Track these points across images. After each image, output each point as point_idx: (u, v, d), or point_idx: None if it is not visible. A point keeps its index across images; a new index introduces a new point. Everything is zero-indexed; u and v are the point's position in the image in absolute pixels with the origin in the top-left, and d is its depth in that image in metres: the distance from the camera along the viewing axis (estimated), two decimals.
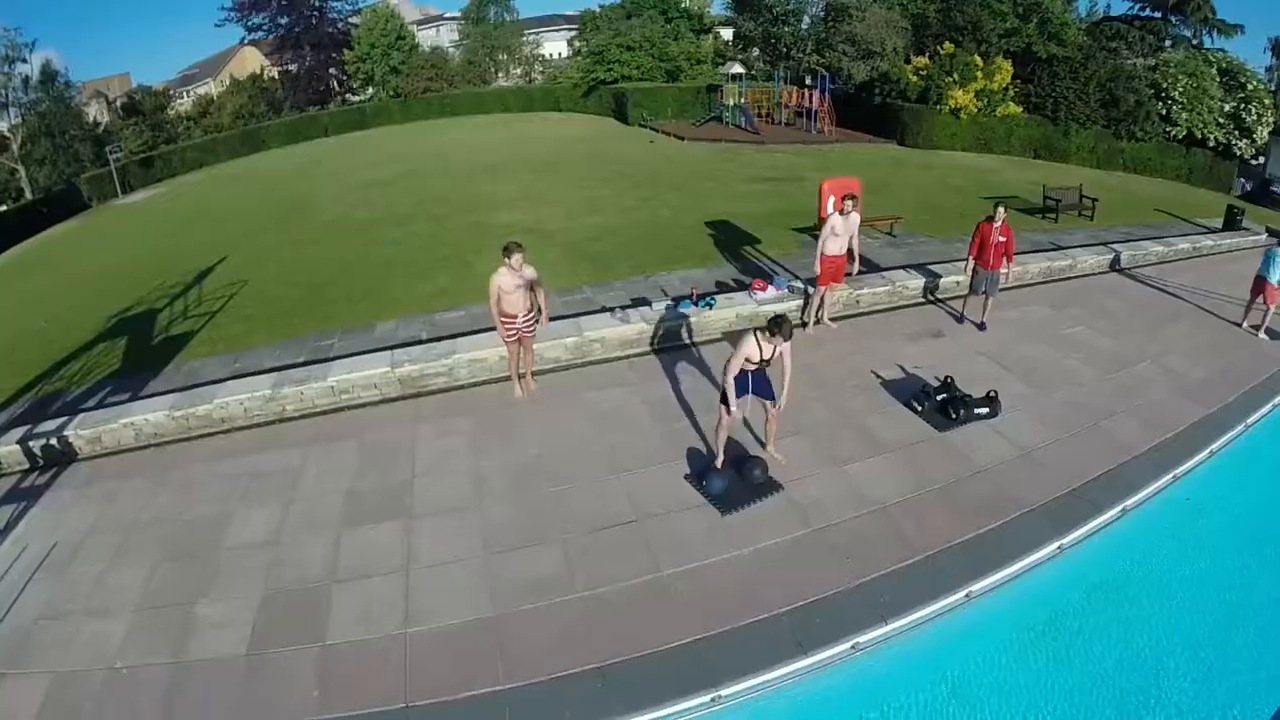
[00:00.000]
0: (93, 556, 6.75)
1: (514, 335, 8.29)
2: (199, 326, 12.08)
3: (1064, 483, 7.05)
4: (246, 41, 49.15)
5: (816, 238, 11.97)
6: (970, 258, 10.13)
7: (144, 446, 8.67)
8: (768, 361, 6.56)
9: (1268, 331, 10.63)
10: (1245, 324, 10.90)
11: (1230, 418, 8.47)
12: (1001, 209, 9.85)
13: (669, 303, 10.21)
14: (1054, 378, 9.16)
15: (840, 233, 9.57)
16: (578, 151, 26.75)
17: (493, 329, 8.64)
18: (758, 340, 6.42)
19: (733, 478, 6.72)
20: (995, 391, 8.04)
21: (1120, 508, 6.85)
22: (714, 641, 5.16)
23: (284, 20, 44.82)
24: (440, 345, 9.51)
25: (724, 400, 6.68)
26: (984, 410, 7.86)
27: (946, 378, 8.21)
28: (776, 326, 6.28)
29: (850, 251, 9.87)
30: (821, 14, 32.81)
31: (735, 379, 6.54)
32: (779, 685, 5.01)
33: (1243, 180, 26.25)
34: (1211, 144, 25.13)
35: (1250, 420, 8.52)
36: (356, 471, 7.56)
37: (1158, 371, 9.55)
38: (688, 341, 9.97)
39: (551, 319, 10.01)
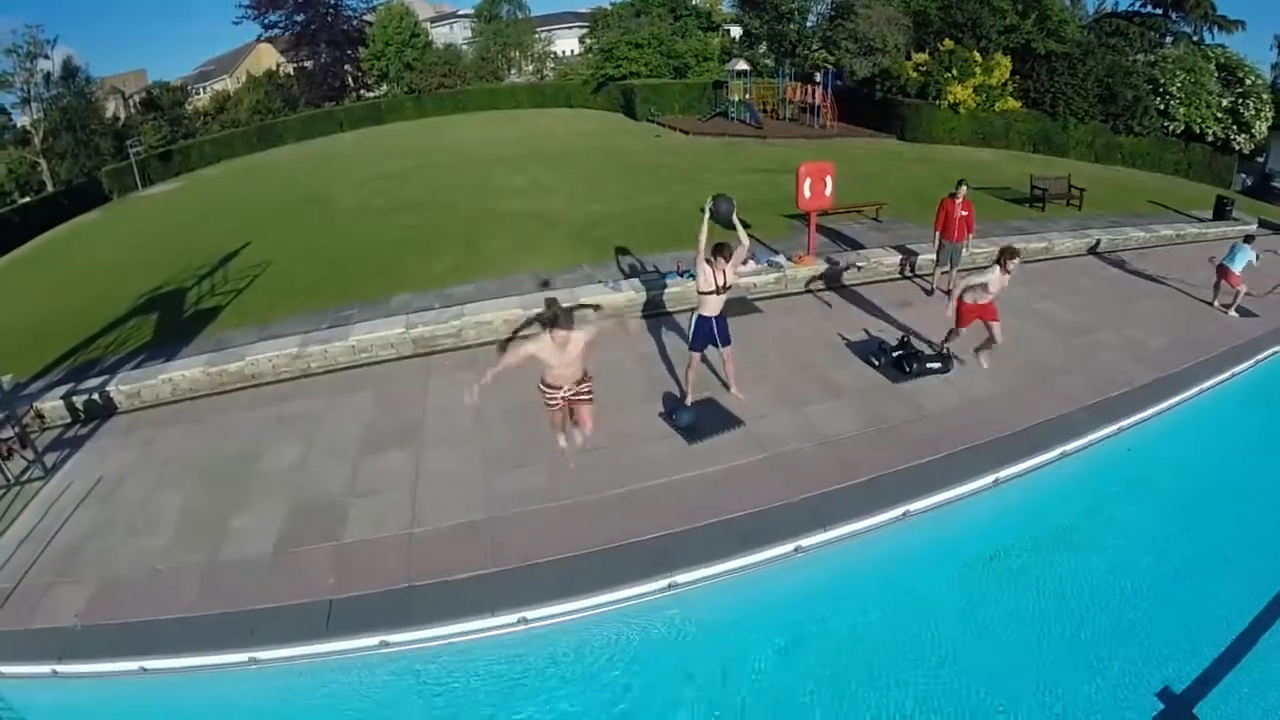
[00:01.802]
0: (134, 487, 7.77)
1: (557, 405, 6.80)
2: (226, 302, 13.10)
3: (1006, 426, 7.89)
4: (263, 38, 50.58)
5: (804, 221, 12.89)
6: (936, 232, 11.04)
7: (179, 400, 9.71)
8: (725, 287, 7.61)
9: (1238, 310, 11.34)
10: (1216, 303, 11.61)
11: (1184, 381, 9.12)
12: (964, 186, 10.75)
13: (656, 275, 11.17)
14: (1013, 342, 9.91)
15: (993, 290, 8.55)
16: (586, 145, 27.72)
17: (498, 298, 9.59)
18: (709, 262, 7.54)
19: (700, 414, 7.66)
20: (949, 348, 8.92)
21: (1059, 450, 7.63)
22: (672, 538, 6.13)
23: (300, 18, 46.20)
24: (450, 310, 10.57)
25: (695, 345, 7.73)
26: (936, 365, 8.75)
27: (904, 337, 9.10)
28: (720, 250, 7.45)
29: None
30: (829, 12, 33.69)
31: (700, 329, 7.66)
32: (728, 578, 5.94)
33: (1243, 175, 26.71)
34: (1210, 139, 25.70)
35: (1205, 385, 9.16)
36: (373, 414, 8.61)
37: (1118, 340, 10.30)
38: (671, 309, 10.93)
39: (551, 292, 11.04)
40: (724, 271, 7.48)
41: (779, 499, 6.56)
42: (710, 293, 7.58)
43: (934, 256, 11.64)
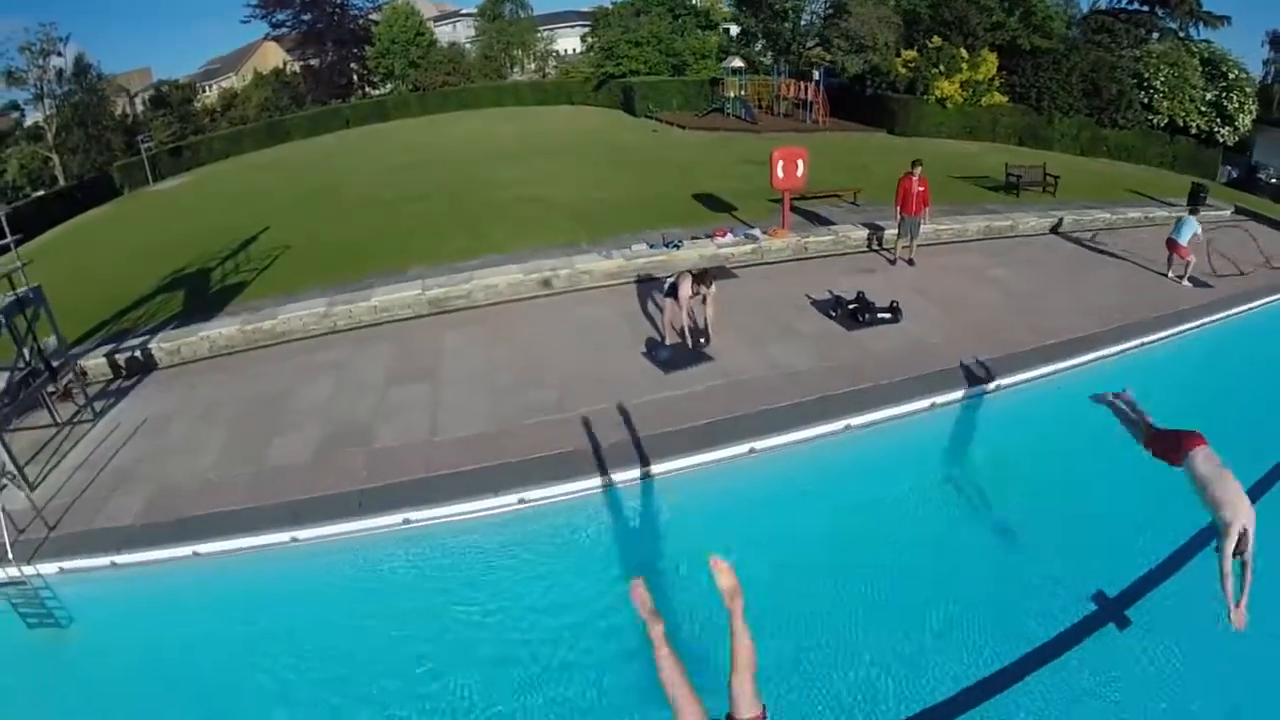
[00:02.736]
0: (180, 423, 9.09)
1: None
2: (251, 279, 14.49)
3: (946, 363, 9.28)
4: (270, 37, 52.35)
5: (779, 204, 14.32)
6: (897, 207, 12.48)
7: (216, 356, 11.11)
8: (701, 295, 9.14)
9: (1191, 279, 12.53)
10: (1170, 274, 12.80)
11: (1125, 334, 10.33)
12: (919, 166, 12.19)
13: (645, 245, 12.63)
14: (966, 302, 11.38)
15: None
16: (586, 140, 29.26)
17: (501, 261, 11.00)
18: (690, 282, 9.07)
19: (675, 352, 9.11)
20: (897, 301, 10.33)
21: (995, 384, 8.96)
22: (647, 439, 7.60)
23: (307, 17, 48.00)
24: (460, 275, 12.13)
25: (668, 293, 9.21)
26: (886, 315, 10.17)
27: (859, 293, 10.51)
28: (702, 276, 8.94)
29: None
30: (824, 11, 35.22)
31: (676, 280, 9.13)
32: (695, 470, 7.38)
33: (1229, 168, 27.88)
34: (1194, 132, 26.92)
35: (1147, 339, 10.35)
36: (395, 358, 10.11)
37: (1067, 302, 11.50)
38: (657, 275, 12.31)
39: (550, 262, 12.47)
40: (701, 292, 9.06)
41: (737, 411, 8.00)
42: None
43: (895, 230, 13.05)
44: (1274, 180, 25.19)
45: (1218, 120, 27.08)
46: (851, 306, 10.28)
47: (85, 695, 5.89)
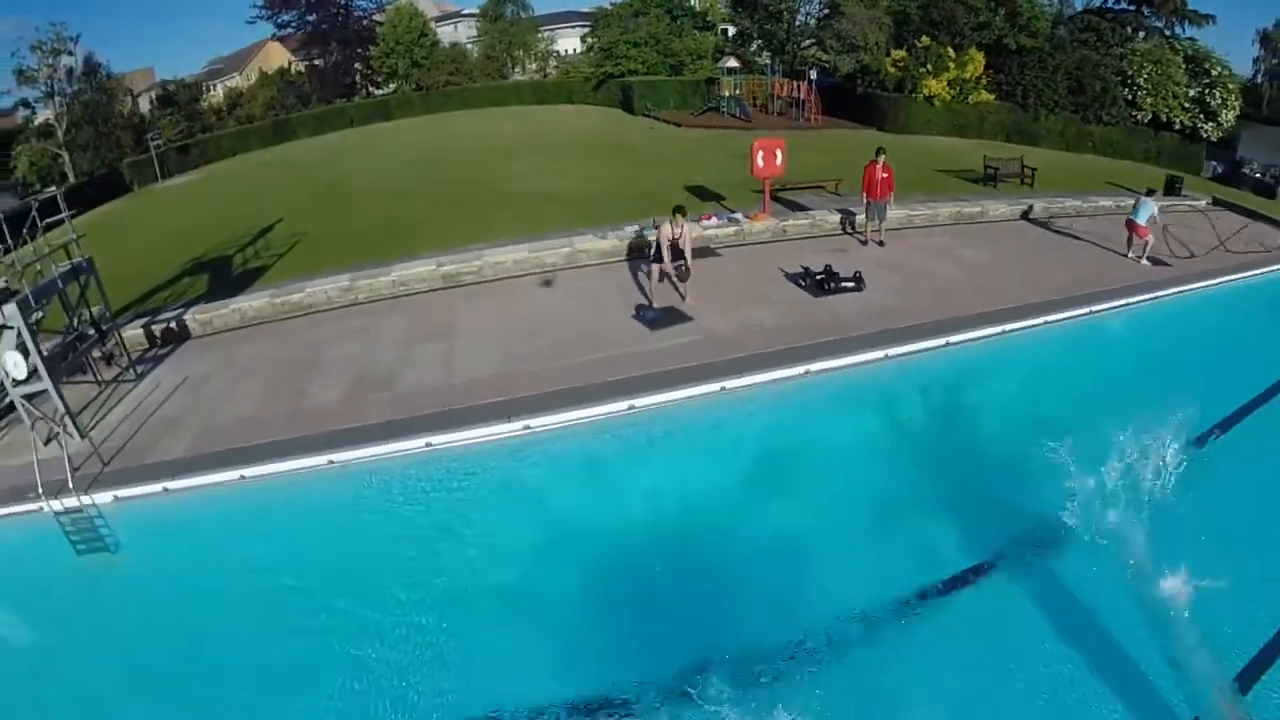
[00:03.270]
0: (220, 379, 10.47)
1: None
2: (271, 264, 15.87)
3: (900, 323, 10.77)
4: (275, 37, 54.09)
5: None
6: (864, 192, 13.94)
7: (247, 326, 12.54)
8: (679, 239, 10.68)
9: (1150, 259, 13.81)
10: (1130, 254, 14.11)
11: (1073, 303, 11.62)
12: (883, 154, 13.66)
13: (636, 228, 14.14)
14: (927, 275, 12.83)
15: None
16: (586, 138, 30.83)
17: (507, 243, 12.45)
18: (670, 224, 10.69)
19: (660, 314, 10.63)
20: (860, 272, 11.79)
21: (944, 340, 10.38)
22: (633, 380, 9.13)
23: (312, 18, 49.76)
24: (470, 252, 13.67)
25: (654, 259, 10.72)
26: (850, 284, 11.65)
27: (826, 265, 12.00)
28: (679, 209, 10.76)
29: None
30: (818, 12, 36.81)
31: (659, 247, 10.76)
32: (675, 404, 8.88)
33: (1214, 163, 29.16)
34: (1178, 127, 28.30)
35: (1097, 308, 11.66)
36: (414, 323, 11.63)
37: (1021, 275, 12.88)
38: (648, 254, 13.71)
39: (552, 243, 13.95)
40: (681, 228, 10.67)
41: (711, 358, 9.52)
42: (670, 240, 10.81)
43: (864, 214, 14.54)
44: (1257, 175, 26.60)
45: (1201, 116, 28.41)
46: (819, 277, 11.76)
47: (135, 608, 7.12)
